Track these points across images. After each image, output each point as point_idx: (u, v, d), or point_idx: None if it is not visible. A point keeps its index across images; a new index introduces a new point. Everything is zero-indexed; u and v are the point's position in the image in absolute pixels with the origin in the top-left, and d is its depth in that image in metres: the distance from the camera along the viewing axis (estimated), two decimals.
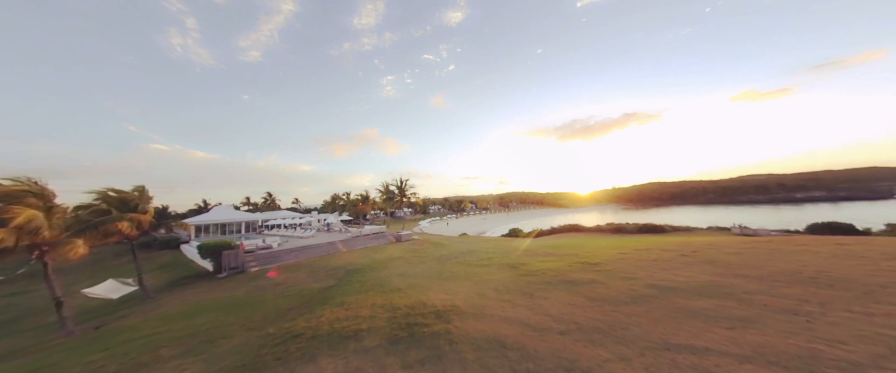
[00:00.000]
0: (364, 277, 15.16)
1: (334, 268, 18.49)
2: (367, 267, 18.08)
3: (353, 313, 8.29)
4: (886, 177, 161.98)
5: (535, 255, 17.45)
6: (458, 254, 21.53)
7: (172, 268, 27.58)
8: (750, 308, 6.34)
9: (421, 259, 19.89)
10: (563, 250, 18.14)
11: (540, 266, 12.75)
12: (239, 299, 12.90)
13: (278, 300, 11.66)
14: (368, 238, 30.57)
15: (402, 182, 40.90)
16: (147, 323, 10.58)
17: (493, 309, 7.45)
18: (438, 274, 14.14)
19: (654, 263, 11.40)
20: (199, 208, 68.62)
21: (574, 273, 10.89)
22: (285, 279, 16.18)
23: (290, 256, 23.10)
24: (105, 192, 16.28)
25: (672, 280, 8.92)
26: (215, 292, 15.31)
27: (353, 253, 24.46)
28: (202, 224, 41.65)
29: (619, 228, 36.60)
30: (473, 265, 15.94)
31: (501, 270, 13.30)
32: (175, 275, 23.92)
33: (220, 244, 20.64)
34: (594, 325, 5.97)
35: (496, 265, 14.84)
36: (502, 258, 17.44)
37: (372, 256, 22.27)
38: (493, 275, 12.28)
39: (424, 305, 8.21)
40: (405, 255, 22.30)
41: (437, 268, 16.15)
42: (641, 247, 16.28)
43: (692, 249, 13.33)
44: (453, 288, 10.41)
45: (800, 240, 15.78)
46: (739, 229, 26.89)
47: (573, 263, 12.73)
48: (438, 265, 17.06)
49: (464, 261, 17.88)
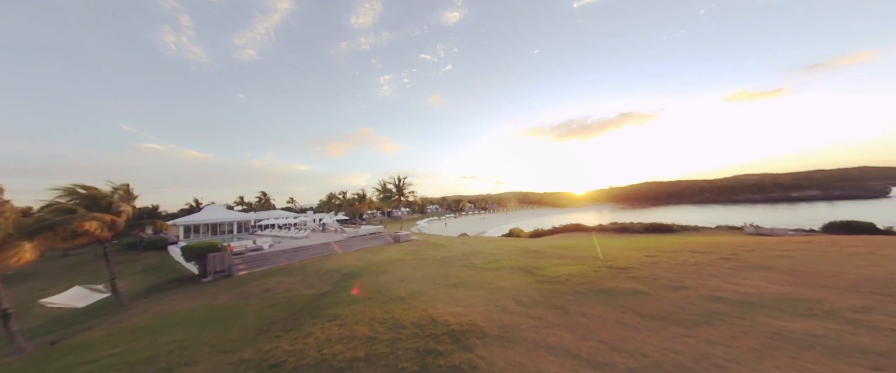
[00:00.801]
0: (361, 282, 13.75)
1: (329, 271, 17.04)
2: (364, 270, 16.67)
3: (347, 331, 6.89)
4: (878, 176, 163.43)
5: (547, 257, 16.13)
6: (462, 255, 20.16)
7: (157, 271, 25.94)
8: (877, 335, 4.81)
9: (422, 262, 18.50)
10: (576, 252, 16.84)
11: (560, 271, 11.39)
12: (219, 308, 11.43)
13: (263, 311, 10.21)
14: (365, 239, 29.10)
15: (400, 180, 39.44)
16: (108, 339, 9.09)
17: (522, 330, 6.04)
18: (443, 279, 12.76)
19: (695, 268, 10.00)
20: (191, 208, 66.57)
21: (606, 280, 9.48)
22: (274, 285, 14.71)
23: (281, 259, 21.60)
24: (73, 188, 14.66)
25: (736, 291, 7.42)
26: (196, 299, 13.80)
27: (349, 255, 23.00)
28: (191, 224, 39.89)
29: (624, 228, 35.46)
30: (481, 269, 14.58)
31: (515, 274, 11.94)
32: (158, 278, 22.32)
33: (205, 246, 19.10)
34: (674, 359, 4.48)
35: (507, 269, 13.48)
36: (512, 261, 16.09)
37: (369, 259, 20.84)
38: (506, 281, 10.91)
39: (434, 321, 6.81)
40: (405, 257, 20.90)
41: (440, 272, 14.77)
42: (665, 248, 14.98)
43: (729, 251, 12.01)
44: (465, 298, 9.02)
45: (843, 241, 14.33)
46: (753, 229, 25.79)
47: (598, 267, 11.35)
48: (442, 269, 15.68)
49: (469, 264, 16.51)
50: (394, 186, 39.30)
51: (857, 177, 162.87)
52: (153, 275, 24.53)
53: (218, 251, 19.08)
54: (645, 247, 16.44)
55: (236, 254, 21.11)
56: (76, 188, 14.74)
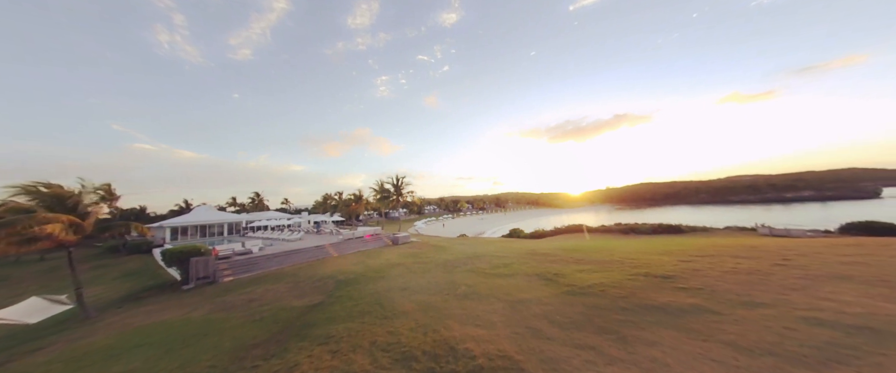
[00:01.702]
0: (358, 291, 12.32)
1: (322, 278, 15.58)
2: (362, 276, 15.23)
3: (342, 363, 5.48)
4: (867, 177, 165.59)
5: (563, 261, 14.80)
6: (466, 259, 18.80)
7: (137, 276, 24.18)
8: None
9: (424, 266, 17.09)
10: (593, 255, 15.53)
11: (586, 279, 10.03)
12: (194, 323, 9.93)
13: (243, 328, 8.75)
14: (361, 241, 27.60)
15: (398, 180, 37.95)
16: (47, 367, 7.56)
17: (575, 368, 4.59)
18: (451, 287, 11.37)
19: (755, 277, 8.54)
20: (180, 209, 64.35)
21: (652, 293, 7.93)
22: (261, 294, 13.21)
23: (271, 263, 20.04)
24: (35, 186, 12.99)
25: (839, 311, 5.73)
26: (171, 310, 12.26)
27: (344, 258, 21.51)
28: (179, 226, 38.06)
29: (632, 229, 34.33)
30: (491, 275, 13.20)
31: (534, 283, 10.58)
32: (137, 285, 20.60)
33: (187, 250, 17.50)
34: None
35: (522, 276, 12.12)
36: (523, 265, 14.73)
37: (366, 263, 19.39)
38: (526, 291, 9.54)
39: (453, 350, 5.41)
40: (405, 261, 19.47)
41: (446, 278, 13.37)
42: (694, 251, 13.65)
43: (778, 256, 10.65)
44: (483, 313, 7.63)
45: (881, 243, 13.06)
46: (766, 230, 24.72)
47: (631, 274, 9.97)
48: (447, 274, 14.29)
49: (476, 269, 15.14)
50: (392, 186, 37.83)
51: (848, 178, 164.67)
52: (133, 281, 22.79)
53: (201, 256, 17.50)
54: (667, 249, 15.17)
55: (222, 258, 19.55)
56: (38, 186, 13.10)
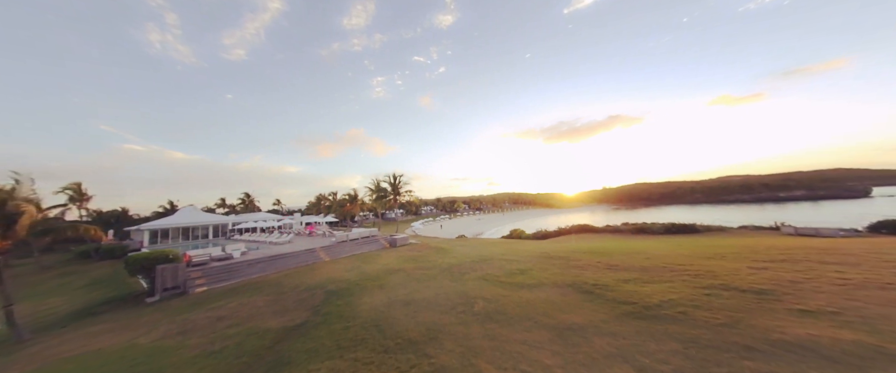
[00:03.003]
0: (350, 305, 10.17)
1: (310, 287, 13.39)
2: (356, 286, 13.08)
3: None
4: (852, 177, 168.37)
5: (592, 266, 12.79)
6: (472, 263, 16.76)
7: (104, 286, 21.65)
8: None
9: (428, 273, 14.98)
10: (628, 260, 13.51)
11: (644, 293, 7.97)
12: (136, 354, 7.72)
13: (193, 365, 6.58)
14: (357, 243, 25.37)
15: (395, 179, 35.77)
16: None
17: None
18: (466, 303, 9.29)
19: (850, 289, 6.69)
20: (165, 211, 61.24)
21: (765, 318, 5.82)
22: (233, 310, 11.00)
23: (254, 270, 17.76)
24: None
25: None
26: (119, 332, 9.99)
27: (337, 263, 19.30)
28: (159, 229, 35.41)
29: (642, 228, 32.56)
30: (510, 285, 11.15)
31: (571, 297, 8.55)
32: (99, 296, 18.14)
33: (153, 257, 15.18)
34: None
35: (550, 286, 10.09)
36: (544, 272, 12.69)
37: (362, 268, 17.22)
38: (568, 310, 7.49)
39: None
40: (405, 265, 17.34)
41: (457, 288, 11.29)
42: (750, 255, 11.71)
43: (853, 260, 8.85)
44: (523, 349, 5.55)
45: None
46: (792, 229, 23.09)
47: (706, 288, 7.75)
48: (457, 284, 12.20)
49: (489, 276, 13.07)
50: (389, 185, 35.64)
51: (835, 178, 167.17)
52: (98, 291, 20.27)
53: (170, 263, 15.18)
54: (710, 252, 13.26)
55: (196, 265, 17.20)
56: None
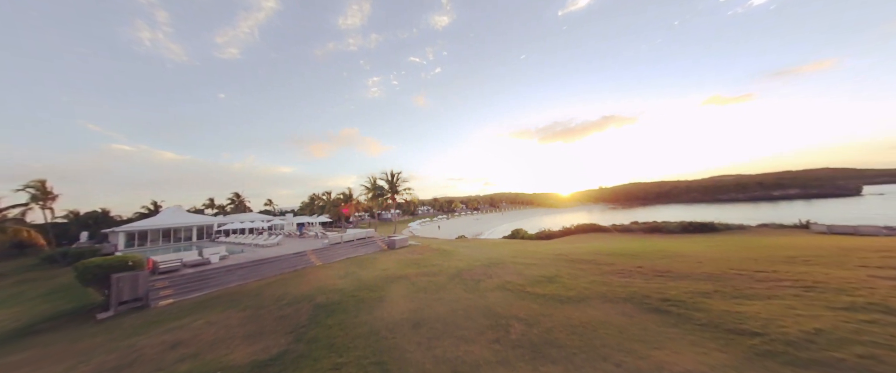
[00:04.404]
0: (344, 329, 7.99)
1: (295, 300, 11.19)
2: (351, 298, 10.90)
3: None
4: (840, 176, 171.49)
5: (636, 273, 10.76)
6: (484, 267, 14.70)
7: (63, 295, 19.10)
8: None
9: (435, 281, 12.85)
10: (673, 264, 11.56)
11: (754, 313, 5.94)
12: None
13: None
14: (352, 246, 23.14)
15: (393, 176, 33.57)
16: None
17: None
18: (498, 326, 7.21)
19: None
20: (149, 212, 58.12)
21: None
22: (196, 332, 8.78)
23: (233, 277, 15.47)
24: None
25: None
26: (44, 365, 7.72)
27: (329, 269, 17.08)
28: (136, 231, 32.76)
29: (657, 228, 30.77)
30: (546, 298, 9.08)
31: (645, 320, 6.54)
32: (50, 309, 15.66)
33: (107, 264, 12.83)
34: None
35: (601, 301, 8.05)
36: (581, 281, 10.65)
37: (357, 275, 15.04)
38: (656, 344, 5.46)
39: None
40: (407, 271, 15.20)
41: (477, 303, 9.19)
42: (830, 258, 9.90)
43: None
44: None
45: None
46: (825, 228, 21.46)
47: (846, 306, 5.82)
48: (475, 295, 10.09)
49: (511, 285, 11.00)
50: (386, 183, 33.42)
51: (823, 177, 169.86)
52: (55, 301, 17.75)
53: (130, 270, 12.85)
54: (771, 254, 11.39)
55: (164, 272, 14.84)
56: None
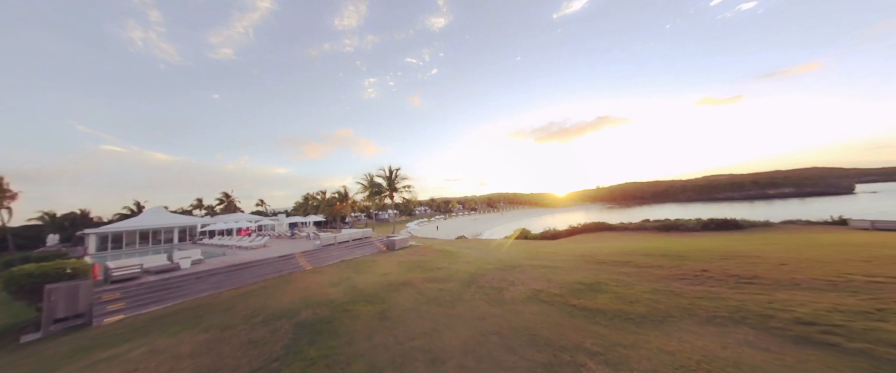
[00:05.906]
0: (332, 366, 5.61)
1: (274, 315, 8.81)
2: (343, 312, 8.56)
3: None
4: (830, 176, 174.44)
5: (709, 280, 8.57)
6: (499, 272, 12.45)
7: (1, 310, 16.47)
8: None
9: (446, 288, 10.54)
10: (741, 268, 9.42)
11: None
12: None
13: None
14: (347, 247, 20.74)
15: (391, 172, 31.24)
16: None
17: None
18: (558, 363, 4.98)
19: None
20: (131, 212, 54.91)
21: None
22: (132, 367, 6.37)
23: (203, 286, 13.01)
24: None
25: None
26: None
27: (320, 274, 14.68)
28: (109, 233, 29.95)
29: (673, 226, 28.78)
30: (607, 316, 6.84)
31: (785, 353, 4.37)
32: None
33: (40, 272, 10.30)
34: None
35: (694, 321, 5.85)
36: (639, 291, 8.44)
37: (353, 281, 12.68)
38: None
39: None
40: (411, 276, 12.86)
41: (511, 323, 6.93)
42: None
43: None
44: None
45: None
46: (868, 223, 19.64)
47: None
48: (504, 310, 7.83)
49: (546, 295, 8.76)
50: (384, 180, 31.07)
51: (814, 176, 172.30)
52: None
53: (68, 280, 10.35)
54: (836, 254, 9.31)
55: (118, 281, 12.29)
56: None
